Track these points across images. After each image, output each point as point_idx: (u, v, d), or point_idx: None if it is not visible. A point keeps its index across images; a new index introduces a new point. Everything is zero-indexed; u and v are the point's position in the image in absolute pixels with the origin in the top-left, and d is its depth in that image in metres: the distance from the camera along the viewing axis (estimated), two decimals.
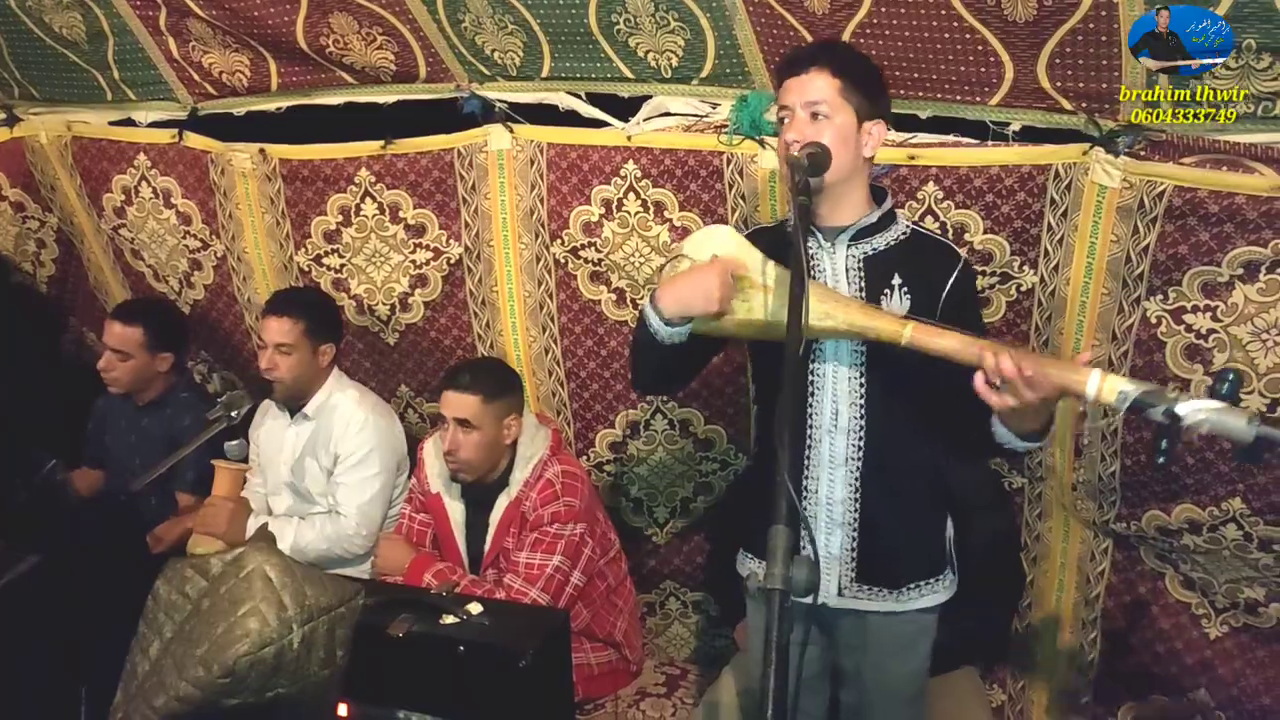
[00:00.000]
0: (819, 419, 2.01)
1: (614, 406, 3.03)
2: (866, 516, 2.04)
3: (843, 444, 2.01)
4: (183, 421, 3.19)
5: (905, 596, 2.08)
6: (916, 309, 1.96)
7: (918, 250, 2.02)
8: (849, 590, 2.08)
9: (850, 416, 2.00)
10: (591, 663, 2.81)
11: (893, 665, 2.15)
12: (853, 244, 2.00)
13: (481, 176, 2.87)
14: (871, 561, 2.06)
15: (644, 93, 2.63)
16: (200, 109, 3.15)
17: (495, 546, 2.71)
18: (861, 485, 2.02)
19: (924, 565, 2.11)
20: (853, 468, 2.02)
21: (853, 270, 2.00)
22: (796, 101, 1.92)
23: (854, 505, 2.03)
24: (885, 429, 2.00)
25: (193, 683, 1.80)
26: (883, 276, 1.99)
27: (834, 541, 2.06)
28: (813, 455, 2.02)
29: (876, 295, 1.98)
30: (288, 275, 3.24)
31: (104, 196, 3.38)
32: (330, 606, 1.89)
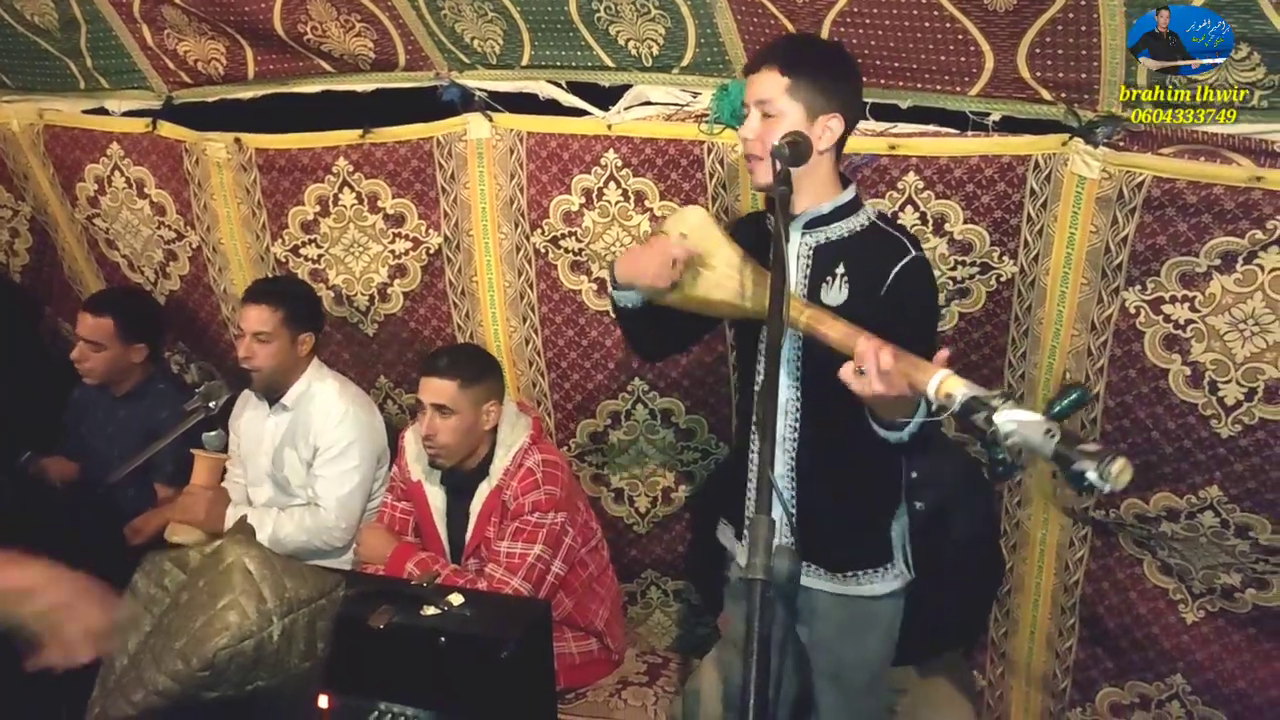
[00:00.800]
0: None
1: (595, 396, 3.02)
2: (803, 496, 2.07)
3: (781, 423, 2.03)
4: (160, 413, 3.16)
5: (844, 580, 2.10)
6: (855, 299, 1.97)
7: (869, 242, 2.02)
8: None
9: (788, 397, 2.03)
10: (573, 652, 2.81)
11: (841, 649, 2.16)
12: (807, 232, 2.02)
13: (461, 165, 2.85)
14: (809, 541, 2.04)
15: (624, 81, 2.62)
16: (175, 98, 3.11)
17: (477, 535, 2.71)
18: (797, 465, 2.05)
19: (862, 553, 2.11)
20: (789, 447, 2.05)
21: (803, 257, 2.03)
22: (750, 100, 1.97)
23: (791, 484, 2.06)
24: (821, 410, 2.01)
25: (171, 676, 1.79)
26: (827, 265, 2.01)
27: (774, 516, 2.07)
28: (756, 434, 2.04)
29: (819, 283, 2.01)
30: (264, 266, 3.22)
31: (77, 186, 3.34)
32: (310, 599, 1.88)
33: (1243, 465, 2.34)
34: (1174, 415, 2.36)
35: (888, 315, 1.89)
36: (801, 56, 1.97)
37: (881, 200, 2.47)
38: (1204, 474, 2.39)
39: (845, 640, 2.16)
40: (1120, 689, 2.75)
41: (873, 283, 1.97)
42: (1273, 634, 2.53)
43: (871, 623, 2.15)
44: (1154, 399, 2.38)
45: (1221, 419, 2.31)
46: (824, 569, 2.10)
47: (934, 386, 1.60)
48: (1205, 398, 2.31)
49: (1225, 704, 2.60)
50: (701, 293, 2.01)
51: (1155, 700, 2.70)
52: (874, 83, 2.35)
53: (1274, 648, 2.54)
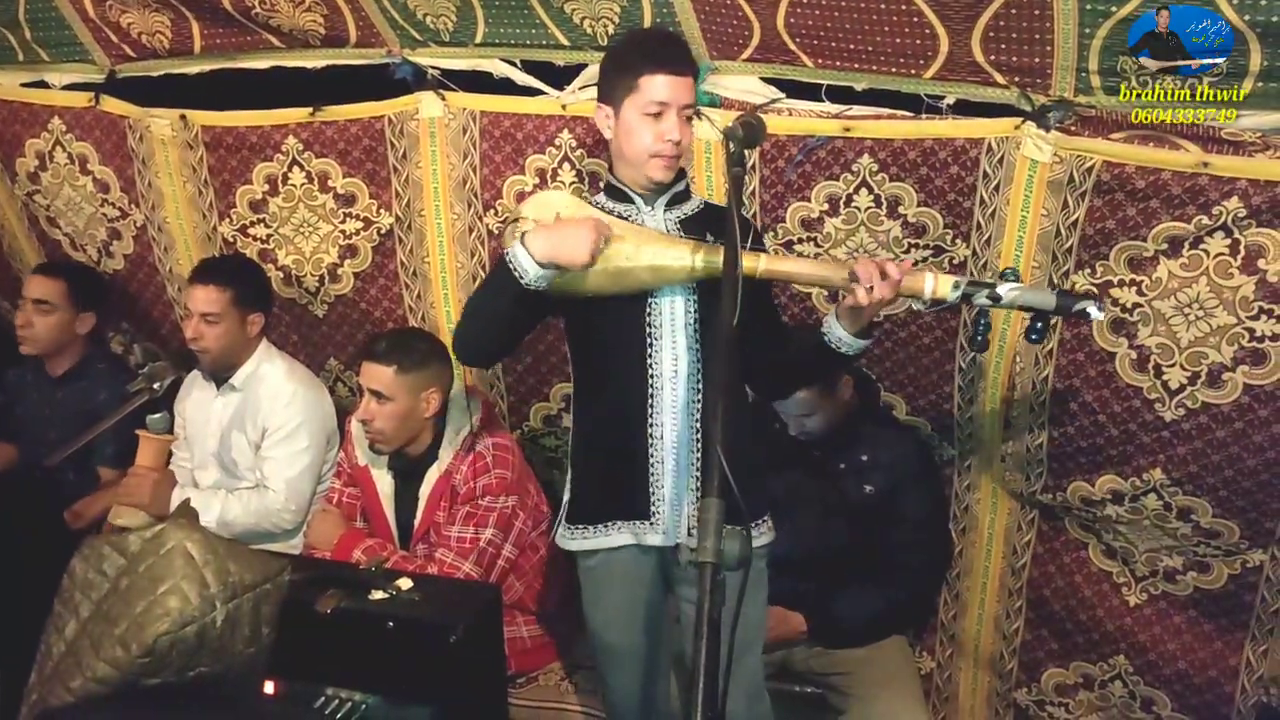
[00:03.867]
0: (659, 367, 2.07)
1: (548, 379, 3.00)
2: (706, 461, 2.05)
3: (684, 390, 2.07)
4: (100, 394, 3.11)
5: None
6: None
7: (718, 216, 2.14)
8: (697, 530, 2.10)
9: (688, 362, 2.07)
10: (524, 636, 2.79)
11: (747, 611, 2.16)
12: (669, 208, 2.12)
13: (413, 145, 2.81)
14: None
15: (580, 61, 2.59)
16: (118, 72, 3.04)
17: (426, 520, 2.68)
18: (702, 429, 2.06)
19: (756, 506, 2.16)
20: (693, 410, 2.06)
21: (672, 230, 2.10)
22: (676, 102, 2.01)
23: (696, 448, 2.07)
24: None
25: (110, 663, 1.75)
26: (698, 235, 2.08)
27: (681, 484, 2.10)
28: (655, 402, 2.07)
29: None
30: (211, 246, 3.16)
31: (16, 161, 3.25)
32: (255, 583, 1.84)
33: (1185, 449, 2.38)
34: (1120, 399, 2.39)
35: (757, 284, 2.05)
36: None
37: (836, 182, 2.47)
38: (1148, 457, 2.42)
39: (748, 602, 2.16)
40: (1065, 670, 2.79)
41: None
42: (1212, 616, 2.58)
43: (760, 580, 2.19)
44: (1101, 382, 2.40)
45: (1165, 403, 2.35)
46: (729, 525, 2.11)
47: (931, 285, 1.92)
48: (1150, 381, 2.34)
49: (1166, 684, 2.65)
50: (619, 264, 1.99)
51: (1099, 680, 2.75)
52: (829, 64, 2.35)
53: (1214, 629, 2.59)
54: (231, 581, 1.79)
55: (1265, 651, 2.55)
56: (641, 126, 2.02)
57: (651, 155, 2.03)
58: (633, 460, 2.08)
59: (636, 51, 2.06)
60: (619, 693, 2.25)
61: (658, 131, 2.01)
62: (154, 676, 1.77)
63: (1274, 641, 2.54)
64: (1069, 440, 2.52)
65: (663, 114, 2.00)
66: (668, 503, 2.09)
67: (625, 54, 2.08)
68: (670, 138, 2.01)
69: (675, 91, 2.00)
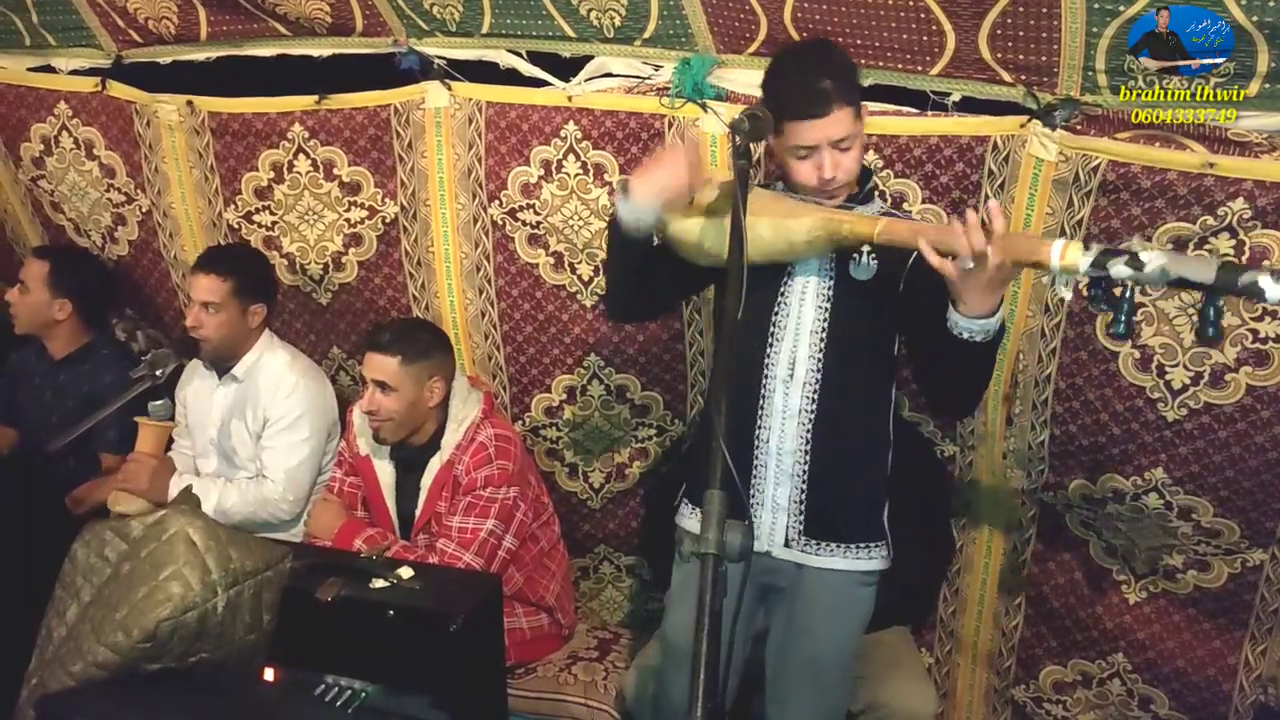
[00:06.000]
0: (775, 369, 2.07)
1: (550, 371, 3.00)
2: (815, 469, 2.08)
3: (797, 396, 2.06)
4: (103, 379, 3.11)
5: (848, 554, 2.13)
6: (881, 277, 2.06)
7: None
8: (795, 543, 2.13)
9: (808, 369, 2.05)
10: (524, 627, 2.80)
11: (822, 631, 2.17)
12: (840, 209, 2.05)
13: (418, 134, 2.81)
14: (818, 515, 2.10)
15: (586, 52, 2.59)
16: (125, 57, 3.04)
17: (427, 510, 2.68)
18: (812, 438, 2.06)
19: (865, 527, 2.15)
20: (805, 419, 2.06)
21: None
22: (824, 141, 1.97)
23: (804, 457, 2.07)
24: (840, 384, 2.03)
25: (111, 647, 1.76)
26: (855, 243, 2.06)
27: (782, 492, 2.11)
28: (766, 406, 2.08)
29: (847, 258, 2.07)
30: (216, 232, 3.16)
31: (22, 146, 3.25)
32: (256, 570, 1.86)
33: (1187, 448, 2.38)
34: (1123, 398, 2.39)
35: (910, 295, 2.03)
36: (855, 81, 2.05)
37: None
38: (1150, 456, 2.42)
39: (829, 621, 2.17)
40: (1063, 667, 2.79)
41: (896, 264, 2.05)
42: (1211, 615, 2.58)
43: (856, 604, 2.19)
44: (1104, 381, 2.40)
45: (1168, 402, 2.34)
46: (831, 542, 2.12)
47: (1058, 252, 1.65)
48: (1153, 381, 2.34)
49: (1164, 682, 2.65)
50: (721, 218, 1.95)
51: (1097, 678, 2.75)
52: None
53: (1213, 628, 2.59)
54: (233, 568, 1.80)
55: (1264, 651, 2.55)
56: (795, 164, 2.02)
57: (811, 192, 2.02)
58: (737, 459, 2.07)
59: (779, 93, 2.01)
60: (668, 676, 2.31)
61: (811, 169, 2.00)
62: (155, 662, 1.79)
63: (1273, 641, 2.54)
64: (1071, 438, 2.51)
65: (812, 154, 1.99)
66: (767, 509, 2.11)
67: (771, 93, 2.04)
68: (825, 176, 1.99)
69: (820, 134, 1.96)
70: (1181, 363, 2.30)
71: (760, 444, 2.09)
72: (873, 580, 2.18)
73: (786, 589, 2.19)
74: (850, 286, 2.07)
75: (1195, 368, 2.29)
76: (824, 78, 1.96)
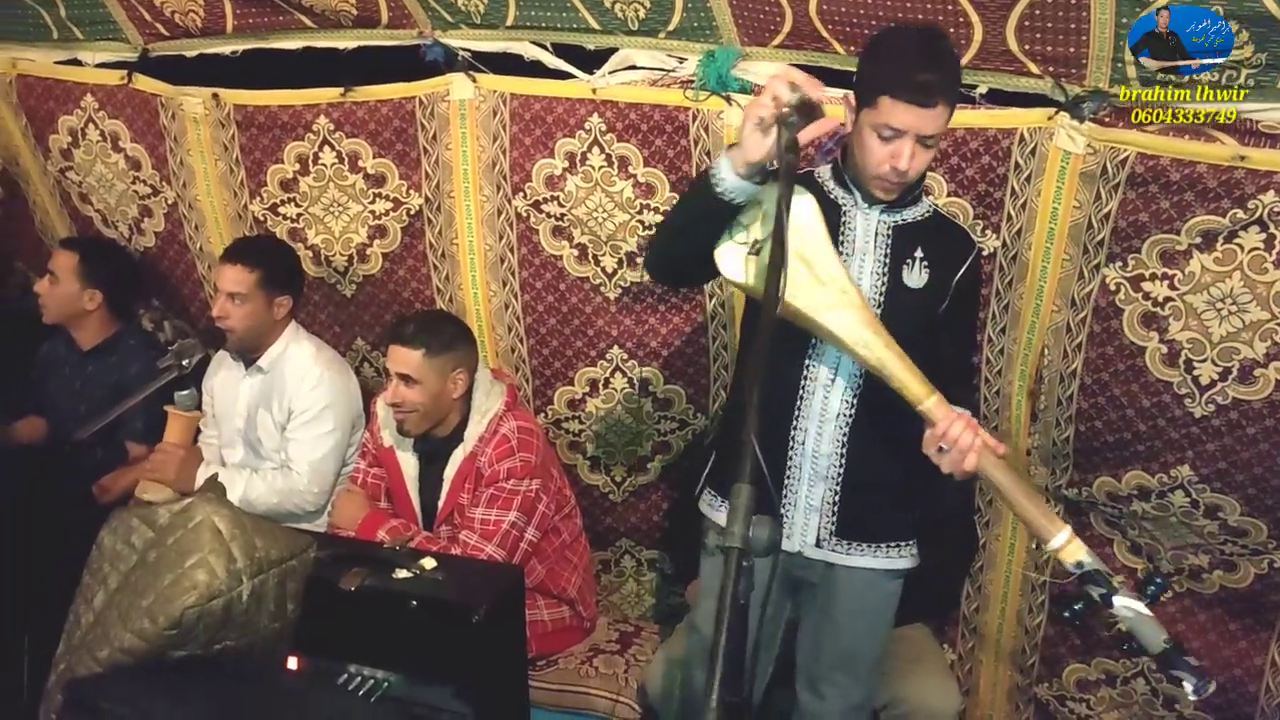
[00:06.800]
0: (815, 371, 2.05)
1: (573, 363, 3.00)
2: (851, 472, 2.08)
3: (837, 399, 2.05)
4: (130, 369, 3.13)
5: (879, 554, 2.13)
6: (932, 285, 2.05)
7: (940, 230, 2.08)
8: (827, 543, 2.12)
9: (849, 374, 2.04)
10: (545, 619, 2.81)
11: (854, 625, 2.18)
12: (886, 211, 2.04)
13: (443, 126, 2.82)
14: (851, 516, 2.10)
15: (610, 45, 2.59)
16: (151, 50, 3.06)
17: (450, 502, 2.69)
18: (849, 441, 2.06)
19: (897, 528, 2.15)
20: (843, 423, 2.05)
21: (881, 235, 2.04)
22: (915, 130, 1.88)
23: (839, 460, 2.07)
24: (882, 389, 2.00)
25: (138, 634, 1.77)
26: (907, 247, 2.04)
27: (816, 493, 2.10)
28: (804, 407, 2.06)
29: (899, 264, 2.04)
30: (241, 224, 3.17)
31: (50, 138, 3.28)
32: (281, 559, 1.86)
33: (1215, 445, 2.35)
34: (1149, 393, 2.37)
35: (957, 303, 2.05)
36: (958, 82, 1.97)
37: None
38: (1176, 453, 2.40)
39: (861, 619, 2.18)
40: (1087, 665, 2.77)
41: (947, 270, 2.05)
42: (1237, 615, 2.56)
43: (888, 601, 2.20)
44: (1130, 376, 2.38)
45: (1195, 398, 2.32)
46: (863, 543, 2.12)
47: (1058, 544, 1.80)
48: (1180, 376, 2.32)
49: None
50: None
51: (1121, 677, 2.73)
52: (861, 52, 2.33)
53: (1239, 629, 2.57)
54: (258, 557, 1.81)
55: None
56: (872, 143, 1.91)
57: (874, 175, 1.94)
58: (770, 459, 2.06)
59: (886, 67, 1.90)
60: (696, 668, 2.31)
61: (887, 154, 1.90)
62: (180, 649, 1.79)
63: None
64: (1096, 435, 2.50)
65: (895, 139, 1.89)
66: (799, 509, 2.10)
67: (876, 63, 1.93)
68: (897, 165, 1.90)
69: (914, 122, 1.86)
70: (1210, 358, 2.28)
71: (795, 445, 2.08)
72: (901, 575, 2.18)
73: (818, 584, 2.18)
74: (901, 293, 2.04)
75: (1224, 363, 2.27)
76: (939, 70, 1.89)
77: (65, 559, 2.05)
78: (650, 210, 2.70)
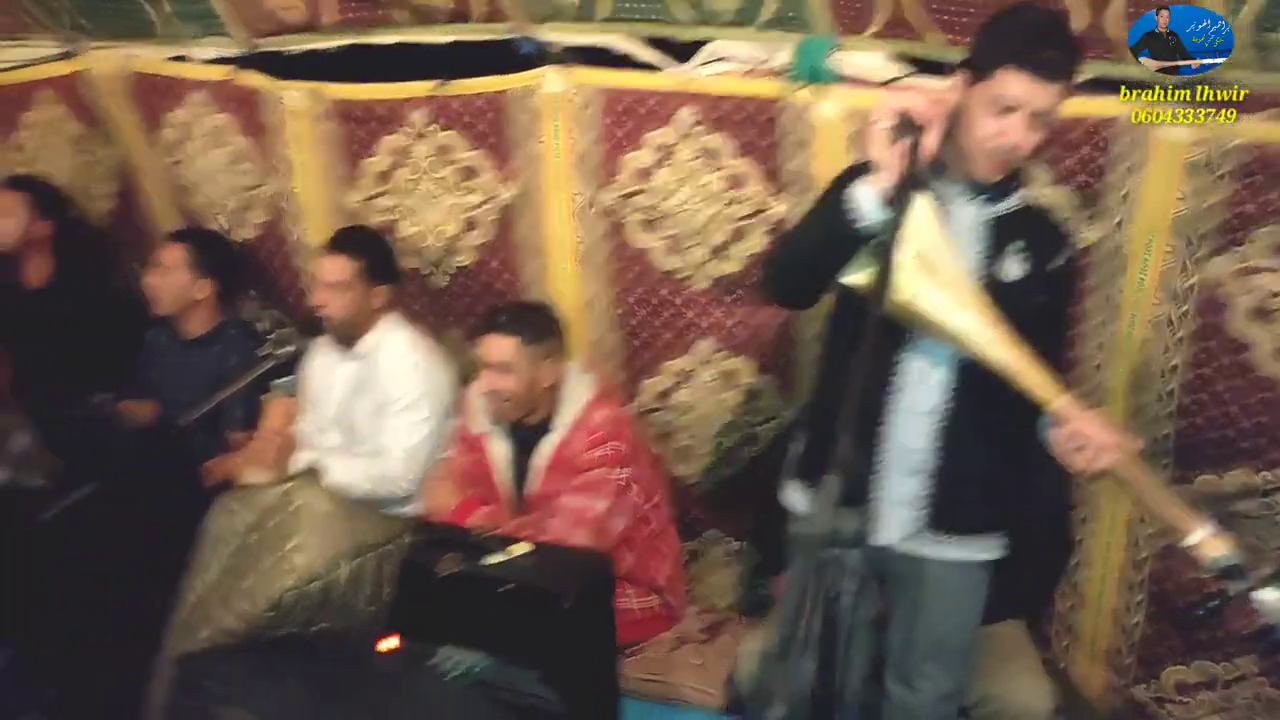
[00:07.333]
0: (908, 366, 2.02)
1: (662, 355, 3.01)
2: (944, 466, 2.05)
3: (930, 395, 2.02)
4: (231, 358, 3.22)
5: (969, 545, 2.11)
6: (1031, 277, 2.00)
7: (1036, 222, 2.05)
8: (917, 537, 2.10)
9: (945, 371, 2.01)
10: (633, 607, 2.82)
11: (944, 616, 2.16)
12: (985, 203, 1.99)
13: (535, 120, 2.85)
14: (943, 510, 2.07)
15: (702, 37, 2.59)
16: (255, 46, 3.14)
17: (540, 489, 2.73)
18: (941, 436, 2.03)
19: (987, 519, 2.12)
20: (936, 418, 2.02)
21: (980, 228, 2.00)
22: (1030, 105, 1.82)
23: (931, 455, 2.04)
24: (976, 385, 1.98)
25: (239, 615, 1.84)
26: (1004, 240, 2.00)
27: (907, 488, 2.07)
28: (896, 402, 2.03)
29: (998, 257, 2.00)
30: (338, 216, 3.24)
31: (159, 132, 3.39)
32: (377, 543, 1.92)
33: None
34: (1256, 390, 2.30)
35: (1053, 296, 2.01)
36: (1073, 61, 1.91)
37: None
38: None
39: (950, 608, 2.16)
40: (1187, 667, 2.70)
41: (1044, 262, 2.00)
42: None
43: (978, 591, 2.17)
44: (1235, 372, 2.31)
45: None
46: (954, 535, 2.10)
47: (1198, 539, 1.76)
48: None
49: None
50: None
51: (1222, 681, 2.65)
52: (960, 40, 2.29)
53: None
54: (357, 541, 1.87)
55: None
56: (983, 117, 1.85)
57: (983, 150, 1.88)
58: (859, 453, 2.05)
59: (1006, 36, 1.85)
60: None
61: (998, 129, 1.84)
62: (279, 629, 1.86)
63: None
64: (1197, 431, 2.43)
65: (1010, 113, 1.83)
66: (889, 504, 2.07)
67: (995, 33, 1.88)
68: (1009, 140, 1.84)
69: (1031, 95, 1.80)
70: None
71: (886, 440, 2.05)
72: (990, 566, 2.15)
73: (907, 577, 2.16)
74: (997, 286, 1.99)
75: None
76: (1062, 48, 1.84)
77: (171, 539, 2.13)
78: (740, 202, 2.70)
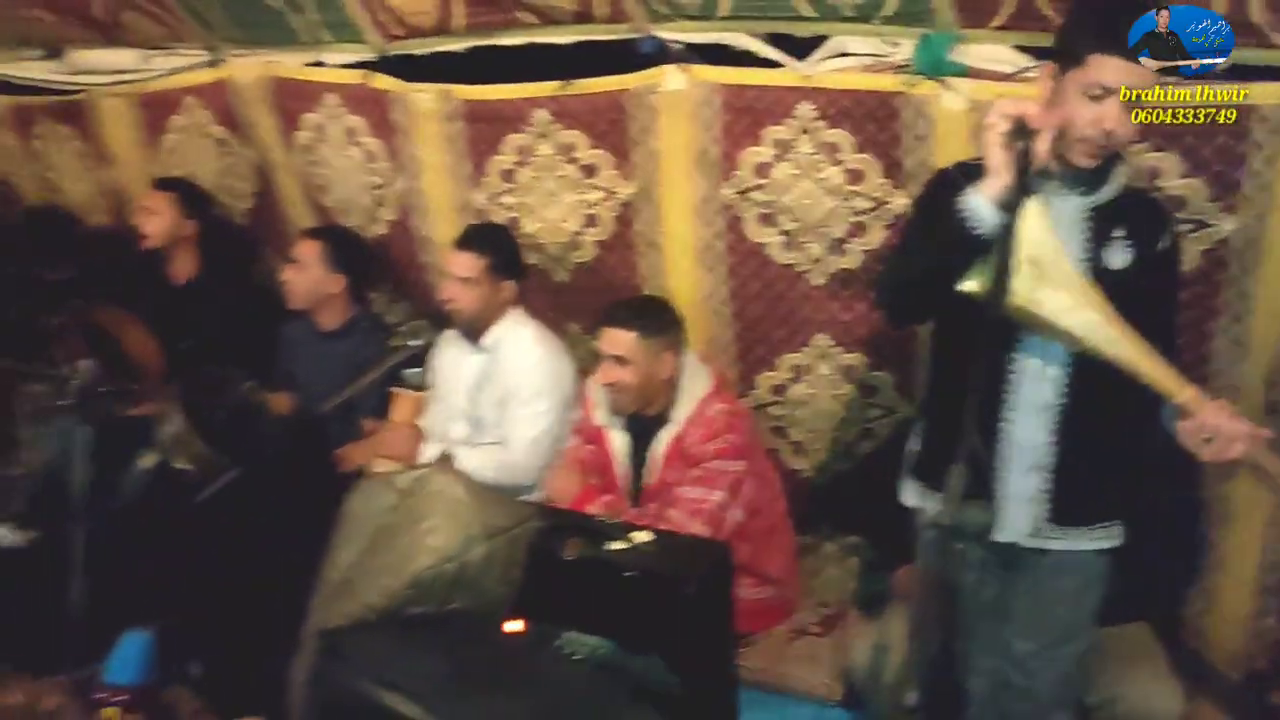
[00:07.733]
0: (1024, 362, 1.99)
1: (778, 349, 3.03)
2: (1063, 461, 2.02)
3: (1047, 390, 1.99)
4: (365, 350, 3.33)
5: (1090, 534, 2.07)
6: (1137, 263, 1.95)
7: (1136, 205, 2.00)
8: (1041, 531, 2.07)
9: (1060, 365, 1.98)
10: (749, 598, 2.85)
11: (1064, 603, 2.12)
12: (1083, 194, 1.96)
13: (654, 117, 2.89)
14: (1065, 503, 2.04)
15: (823, 32, 2.59)
16: (388, 50, 3.25)
17: (658, 480, 2.77)
18: (1060, 431, 2.00)
19: (1107, 508, 2.08)
20: (1054, 413, 2.00)
21: (1081, 220, 1.96)
22: (1121, 85, 1.79)
23: (1051, 450, 2.02)
24: (1093, 377, 1.95)
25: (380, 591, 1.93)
26: (1107, 228, 1.96)
27: (1028, 484, 2.04)
28: (1012, 398, 2.01)
29: (1101, 246, 1.96)
30: (465, 214, 3.33)
31: (296, 134, 3.53)
32: (509, 527, 1.98)
33: None
34: None
35: (1159, 281, 1.97)
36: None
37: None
38: None
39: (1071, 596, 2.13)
40: None
41: (1148, 248, 1.96)
42: None
43: (1097, 579, 2.13)
44: None
45: None
46: (1078, 526, 2.07)
47: None
48: None
49: None
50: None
51: None
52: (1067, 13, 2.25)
53: None
54: (489, 523, 1.94)
55: None
56: (1078, 105, 1.83)
57: (1078, 139, 1.86)
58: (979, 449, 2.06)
59: (1094, 21, 1.84)
60: None
61: (1094, 115, 1.82)
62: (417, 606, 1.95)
63: None
64: None
65: (1104, 98, 1.81)
66: (1011, 500, 2.05)
67: (1083, 21, 1.88)
68: (1105, 126, 1.82)
69: (1125, 78, 1.78)
70: None
71: (1005, 435, 2.02)
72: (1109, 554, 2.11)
73: (1028, 565, 2.14)
74: (1106, 276, 1.95)
75: None
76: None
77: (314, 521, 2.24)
78: (859, 196, 2.70)
